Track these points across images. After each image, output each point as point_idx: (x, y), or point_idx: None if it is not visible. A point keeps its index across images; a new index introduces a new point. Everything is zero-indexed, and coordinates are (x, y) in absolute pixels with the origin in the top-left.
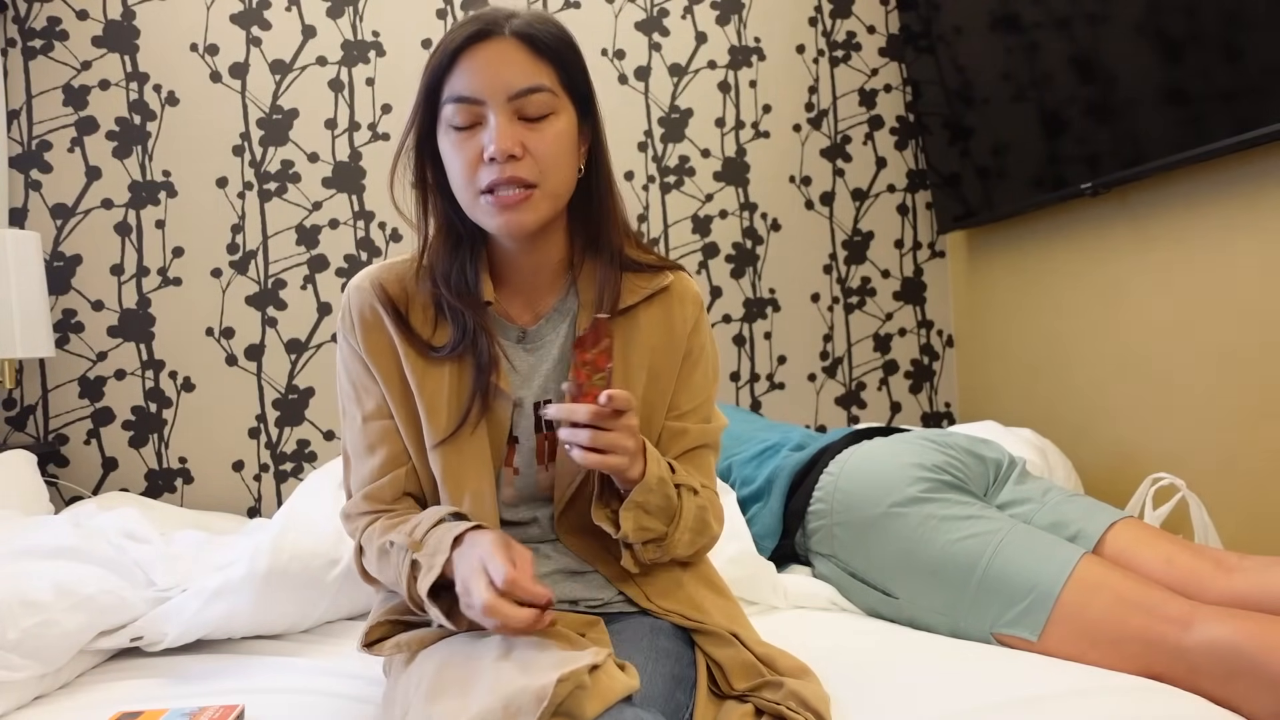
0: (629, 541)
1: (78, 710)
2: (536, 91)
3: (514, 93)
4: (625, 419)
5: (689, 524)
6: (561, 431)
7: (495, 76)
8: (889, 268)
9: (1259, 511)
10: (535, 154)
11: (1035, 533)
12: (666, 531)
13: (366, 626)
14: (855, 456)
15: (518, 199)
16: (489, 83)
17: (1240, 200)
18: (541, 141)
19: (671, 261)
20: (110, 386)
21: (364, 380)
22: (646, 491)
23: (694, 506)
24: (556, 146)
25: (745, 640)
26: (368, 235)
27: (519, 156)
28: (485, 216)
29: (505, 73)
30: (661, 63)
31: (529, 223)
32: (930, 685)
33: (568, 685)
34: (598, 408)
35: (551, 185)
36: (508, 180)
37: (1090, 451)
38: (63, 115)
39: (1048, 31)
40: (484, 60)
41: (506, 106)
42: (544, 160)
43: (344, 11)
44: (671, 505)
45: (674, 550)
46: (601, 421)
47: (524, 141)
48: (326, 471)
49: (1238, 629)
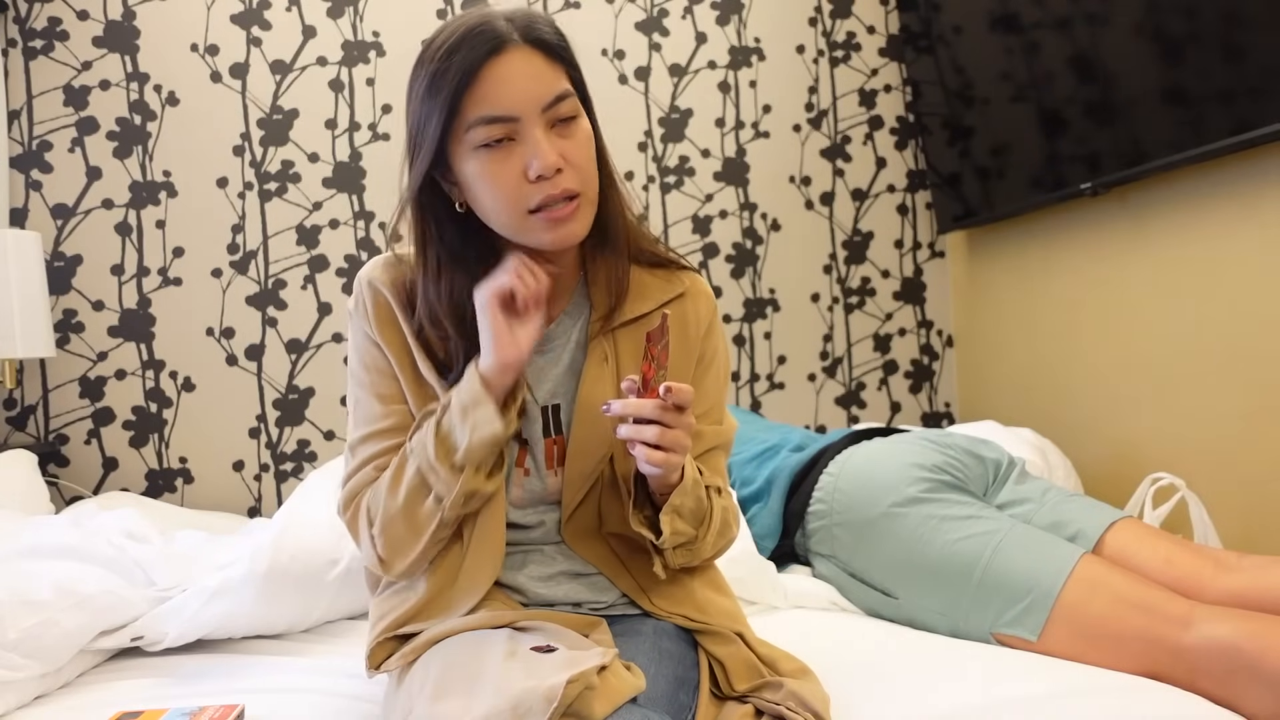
0: (665, 546)
1: (78, 710)
2: (565, 98)
3: (547, 104)
4: (687, 416)
5: (716, 527)
6: (621, 429)
7: (525, 90)
8: (889, 268)
9: (1259, 511)
10: (573, 162)
11: (1035, 533)
12: (696, 534)
13: (368, 649)
14: (855, 457)
15: (569, 211)
16: (520, 98)
17: (1240, 200)
18: (577, 148)
19: (685, 261)
20: (110, 386)
21: (379, 363)
22: (683, 494)
23: (720, 508)
24: (589, 150)
25: (747, 640)
26: (368, 235)
27: (563, 169)
28: (537, 234)
29: (534, 86)
30: (661, 63)
31: (581, 233)
32: (930, 685)
33: (577, 686)
34: (663, 402)
35: (591, 190)
36: (561, 194)
37: (1090, 451)
38: (63, 115)
39: (1048, 31)
40: (508, 74)
41: (541, 119)
42: (582, 167)
43: (344, 11)
44: (703, 508)
45: (702, 553)
46: (666, 418)
47: (563, 152)
48: (326, 471)
49: (1237, 629)
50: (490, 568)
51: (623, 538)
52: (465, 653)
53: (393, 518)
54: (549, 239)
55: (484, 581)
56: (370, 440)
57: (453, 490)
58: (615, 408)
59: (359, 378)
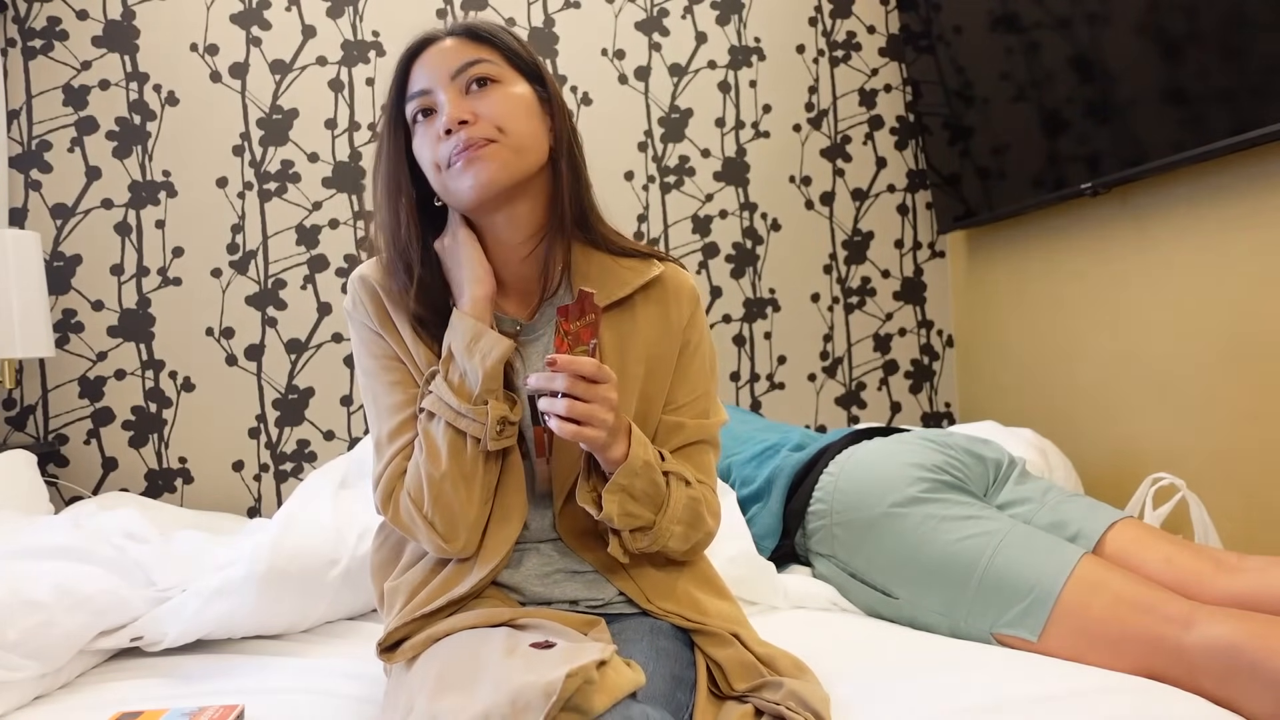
0: (615, 527)
1: (78, 710)
2: (476, 64)
3: (455, 70)
4: (603, 390)
5: (679, 514)
6: (541, 401)
7: (437, 65)
8: (889, 268)
9: (1259, 511)
10: (488, 115)
11: (1035, 533)
12: (654, 519)
13: (386, 630)
14: (855, 457)
15: (478, 148)
16: (431, 72)
17: (1240, 200)
18: (491, 104)
19: (660, 251)
20: (110, 386)
21: (386, 350)
22: (631, 475)
23: (684, 497)
24: (509, 105)
25: (745, 640)
26: (368, 235)
27: (471, 121)
28: (457, 184)
29: (445, 59)
30: (661, 63)
31: (496, 173)
32: (930, 685)
33: (576, 680)
34: (573, 376)
35: (513, 139)
36: (465, 144)
37: (1090, 451)
38: (63, 115)
39: (1048, 31)
40: (426, 58)
41: (452, 85)
42: (499, 117)
43: (344, 11)
44: (659, 493)
45: (664, 540)
46: (578, 391)
47: (473, 109)
48: (326, 471)
49: (1237, 629)
50: (518, 515)
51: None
52: (465, 650)
53: (441, 481)
54: (464, 185)
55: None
56: (396, 434)
57: (488, 423)
58: (531, 381)
59: (370, 370)
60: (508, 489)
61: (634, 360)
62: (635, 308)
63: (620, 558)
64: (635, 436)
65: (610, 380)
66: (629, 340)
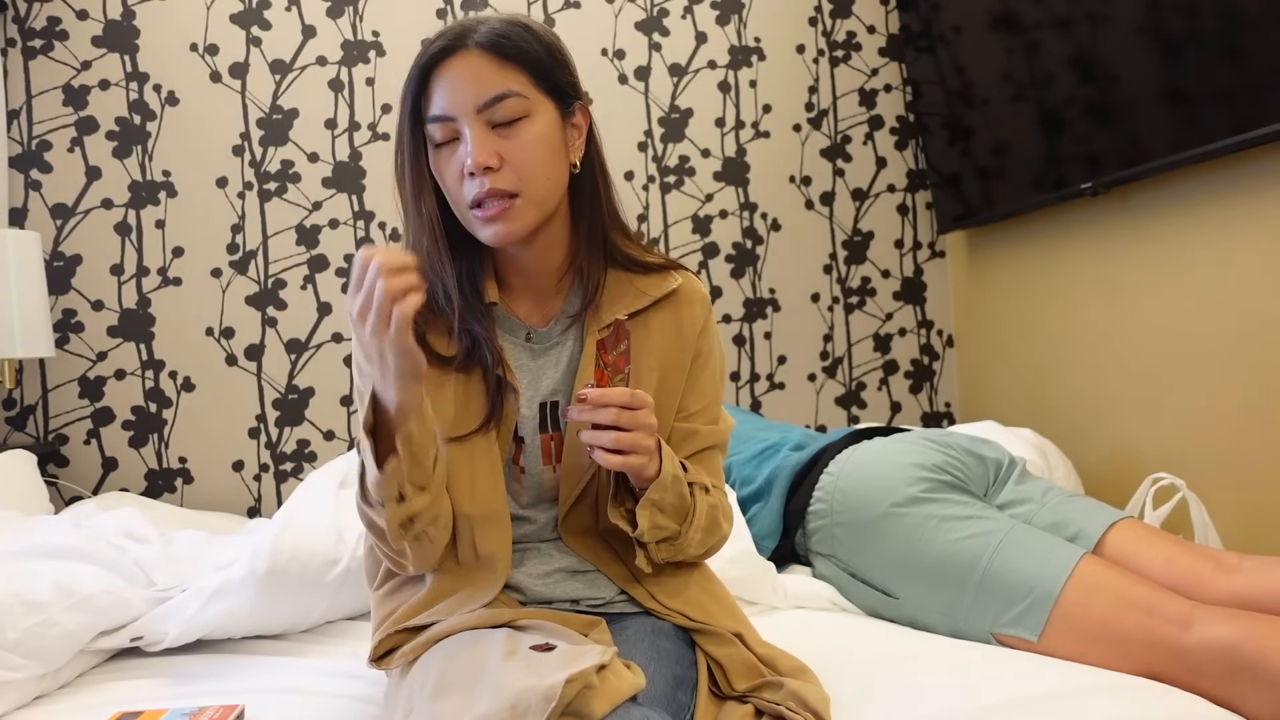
0: (644, 540)
1: (78, 710)
2: (504, 99)
3: (482, 104)
4: (643, 416)
5: (701, 523)
6: (583, 434)
7: (462, 91)
8: (889, 268)
9: (1259, 511)
10: (513, 162)
11: (1035, 533)
12: (680, 530)
13: (374, 642)
14: (855, 456)
15: (500, 211)
16: (457, 98)
17: (1240, 200)
18: (518, 149)
19: (676, 261)
20: (110, 386)
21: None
22: (662, 489)
23: (706, 505)
24: (534, 152)
25: (747, 640)
26: (368, 235)
27: (496, 167)
28: (476, 229)
29: (471, 87)
30: (661, 63)
31: (516, 231)
32: (930, 685)
33: (576, 685)
34: (620, 409)
35: (533, 191)
36: (488, 194)
37: (1090, 451)
38: (63, 115)
39: (1048, 31)
40: (450, 76)
41: (478, 119)
42: (522, 167)
43: (344, 11)
44: (685, 503)
45: (686, 549)
46: (623, 422)
47: (499, 151)
48: (326, 471)
49: (1237, 629)
50: (501, 565)
51: (619, 534)
52: (465, 652)
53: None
54: (484, 236)
55: (497, 580)
56: None
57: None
58: (572, 414)
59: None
60: (490, 496)
61: (648, 368)
62: (649, 316)
63: (645, 569)
64: (665, 452)
65: (648, 405)
66: (643, 349)
